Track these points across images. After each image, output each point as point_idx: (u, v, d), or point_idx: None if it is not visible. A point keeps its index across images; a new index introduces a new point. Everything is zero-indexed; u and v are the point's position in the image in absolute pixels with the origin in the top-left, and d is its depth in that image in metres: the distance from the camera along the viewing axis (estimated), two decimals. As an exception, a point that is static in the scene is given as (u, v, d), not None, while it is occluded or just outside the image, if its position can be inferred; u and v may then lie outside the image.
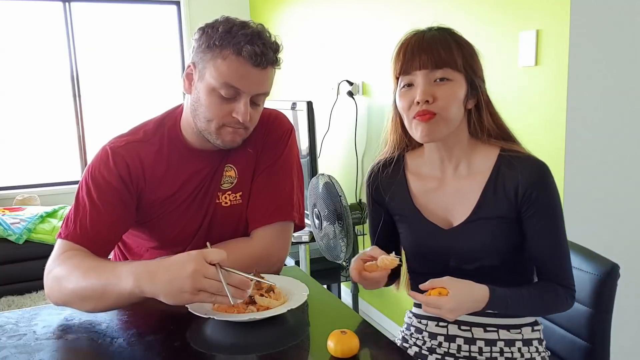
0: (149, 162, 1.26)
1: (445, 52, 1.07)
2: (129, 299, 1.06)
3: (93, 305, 1.09)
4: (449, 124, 1.10)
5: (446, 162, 1.18)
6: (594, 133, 1.82)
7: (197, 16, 4.39)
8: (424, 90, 1.07)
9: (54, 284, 1.13)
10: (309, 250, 2.83)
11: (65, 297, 1.12)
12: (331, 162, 3.34)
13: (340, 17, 3.18)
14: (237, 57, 1.15)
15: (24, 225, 3.51)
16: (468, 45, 1.12)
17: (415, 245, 1.22)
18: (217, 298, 0.97)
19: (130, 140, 1.28)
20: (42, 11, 4.18)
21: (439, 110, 1.07)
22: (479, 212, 1.13)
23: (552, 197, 1.10)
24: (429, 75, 1.08)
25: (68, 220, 1.21)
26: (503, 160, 1.13)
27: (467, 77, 1.10)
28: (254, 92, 1.19)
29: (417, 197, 1.21)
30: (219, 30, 1.16)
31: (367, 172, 1.30)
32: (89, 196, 1.21)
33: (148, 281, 1.00)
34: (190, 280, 0.94)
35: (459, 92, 1.09)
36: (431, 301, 1.02)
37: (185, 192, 1.29)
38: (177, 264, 0.97)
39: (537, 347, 1.18)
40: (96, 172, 1.23)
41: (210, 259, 0.97)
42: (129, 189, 1.24)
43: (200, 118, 1.22)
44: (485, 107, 1.14)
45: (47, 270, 1.16)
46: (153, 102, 4.43)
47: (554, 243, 1.12)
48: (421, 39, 1.09)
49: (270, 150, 1.34)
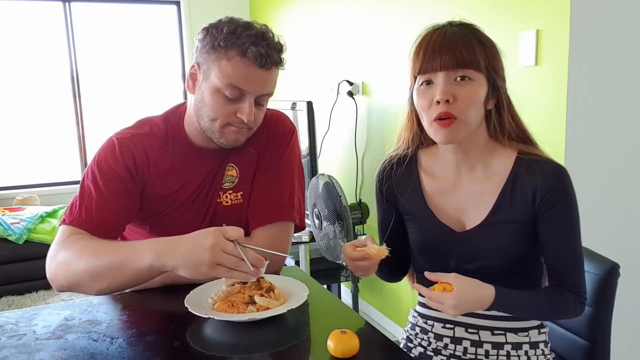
0: (153, 156, 1.28)
1: (468, 52, 1.04)
2: (147, 275, 1.08)
3: (107, 283, 1.11)
4: (469, 126, 1.07)
5: (461, 165, 1.15)
6: (594, 133, 1.82)
7: (197, 16, 4.39)
8: (444, 90, 1.04)
9: (59, 267, 1.14)
10: (309, 250, 2.83)
11: (74, 279, 1.12)
12: (331, 162, 3.34)
13: (340, 17, 3.18)
14: (241, 58, 1.16)
15: (24, 225, 3.51)
16: (490, 43, 1.09)
17: (425, 245, 1.20)
18: (234, 273, 1.00)
19: (136, 133, 1.29)
20: (42, 11, 4.18)
21: (458, 112, 1.05)
22: (494, 216, 1.11)
23: (570, 202, 1.08)
24: (450, 75, 1.05)
25: (73, 207, 1.22)
26: (521, 163, 1.10)
27: (489, 78, 1.07)
28: (258, 92, 1.20)
29: (430, 198, 1.19)
30: (223, 31, 1.17)
31: (378, 169, 1.27)
32: (95, 184, 1.22)
33: (168, 254, 1.03)
34: (209, 254, 0.98)
35: (479, 92, 1.06)
36: (434, 296, 1.02)
37: (188, 190, 1.29)
38: (196, 238, 1.01)
39: (543, 350, 1.18)
40: (102, 160, 1.25)
41: (228, 235, 1.01)
42: (134, 179, 1.25)
43: (204, 117, 1.23)
44: (507, 107, 1.10)
45: (50, 256, 1.17)
46: (153, 102, 4.42)
47: (568, 249, 1.10)
48: (442, 36, 1.05)
49: (272, 150, 1.34)
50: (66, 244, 1.16)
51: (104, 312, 1.14)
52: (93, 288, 1.13)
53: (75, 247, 1.14)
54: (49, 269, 1.17)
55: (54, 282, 1.16)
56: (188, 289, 1.12)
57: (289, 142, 1.36)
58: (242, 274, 1.00)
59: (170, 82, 4.57)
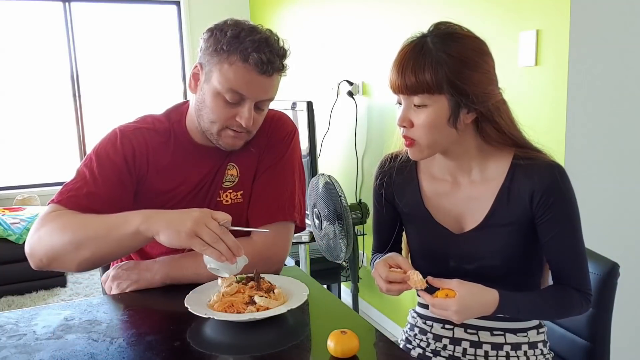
0: (154, 150, 1.29)
1: (417, 77, 1.01)
2: (131, 241, 1.09)
3: (90, 253, 1.11)
4: (434, 147, 1.08)
5: (457, 169, 1.15)
6: (594, 133, 1.82)
7: (197, 16, 4.39)
8: (401, 117, 1.06)
9: (41, 240, 1.14)
10: (309, 250, 2.83)
11: (57, 250, 1.12)
12: (331, 162, 3.34)
13: (340, 17, 3.18)
14: (243, 64, 1.16)
15: (24, 225, 3.51)
16: (461, 56, 1.01)
17: (424, 247, 1.21)
18: (208, 249, 1.02)
19: (139, 127, 1.31)
20: (42, 11, 4.18)
21: (416, 137, 1.06)
22: (492, 218, 1.11)
23: (568, 200, 1.07)
24: (409, 99, 1.05)
25: (63, 188, 1.23)
26: (517, 166, 1.09)
27: (452, 96, 1.02)
28: (258, 98, 1.21)
29: (429, 199, 1.19)
30: (227, 34, 1.17)
31: (377, 167, 1.27)
32: (90, 169, 1.24)
33: (155, 218, 1.07)
34: (191, 223, 1.02)
35: (436, 116, 1.03)
36: (437, 303, 1.01)
37: (187, 187, 1.30)
38: (185, 210, 1.07)
39: (542, 350, 1.18)
40: (102, 149, 1.26)
41: (216, 217, 1.04)
42: (130, 171, 1.26)
43: (204, 118, 1.24)
44: (486, 120, 1.07)
45: (32, 231, 1.16)
46: (153, 101, 4.42)
47: (570, 247, 1.09)
48: (403, 56, 1.04)
49: (273, 150, 1.34)
50: (50, 218, 1.16)
51: (104, 312, 1.14)
52: (74, 260, 1.13)
53: (60, 220, 1.14)
54: (29, 243, 1.16)
55: (33, 256, 1.16)
56: (188, 289, 1.12)
57: (290, 142, 1.36)
58: (215, 252, 1.03)
59: (170, 82, 4.57)
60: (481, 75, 1.04)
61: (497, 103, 1.07)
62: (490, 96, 1.05)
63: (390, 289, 1.07)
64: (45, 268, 1.16)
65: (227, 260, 1.04)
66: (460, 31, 1.06)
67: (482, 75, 1.04)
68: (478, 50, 1.04)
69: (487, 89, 1.05)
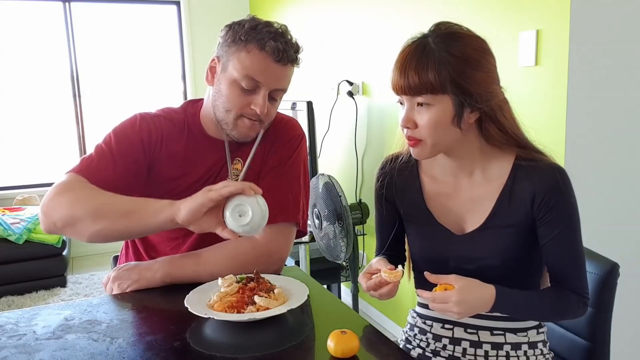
0: (168, 137, 1.34)
1: (420, 77, 1.00)
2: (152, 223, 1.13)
3: (106, 224, 1.14)
4: (438, 146, 1.08)
5: (459, 170, 1.15)
6: (594, 133, 1.82)
7: (197, 16, 4.39)
8: (405, 117, 1.06)
9: (60, 205, 1.16)
10: (309, 250, 2.83)
11: (77, 215, 1.15)
12: (331, 162, 3.34)
13: (341, 17, 3.18)
14: (260, 51, 1.22)
15: (24, 225, 3.51)
16: (463, 55, 1.01)
17: (424, 247, 1.20)
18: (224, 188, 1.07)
19: (158, 114, 1.37)
20: (42, 11, 4.18)
21: (421, 137, 1.06)
22: (493, 219, 1.11)
23: (569, 203, 1.07)
24: (412, 99, 1.04)
25: (82, 161, 1.26)
26: (519, 167, 1.09)
27: (456, 96, 1.02)
28: (273, 86, 1.25)
29: (430, 200, 1.19)
30: (245, 26, 1.24)
31: (378, 168, 1.27)
32: (109, 145, 1.28)
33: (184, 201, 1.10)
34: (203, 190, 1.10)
35: (440, 116, 1.03)
36: (438, 296, 1.01)
37: (193, 176, 1.33)
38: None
39: (542, 350, 1.18)
40: (121, 129, 1.32)
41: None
42: (145, 152, 1.30)
43: (219, 108, 1.28)
44: (489, 119, 1.07)
45: (52, 195, 1.18)
46: (153, 101, 4.43)
47: (569, 249, 1.09)
48: (405, 57, 1.03)
49: (279, 150, 1.35)
50: (71, 186, 1.19)
51: (104, 312, 1.14)
52: (88, 230, 1.15)
53: (84, 191, 1.18)
54: (46, 205, 1.18)
55: (47, 219, 1.17)
56: (188, 289, 1.12)
57: (297, 146, 1.38)
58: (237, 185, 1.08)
59: (170, 82, 4.58)
60: (484, 74, 1.04)
61: (499, 102, 1.07)
62: (493, 95, 1.05)
63: (381, 293, 1.09)
64: (55, 232, 1.20)
65: (248, 191, 1.07)
66: (461, 31, 1.05)
67: (485, 74, 1.04)
68: (480, 49, 1.04)
69: (490, 88, 1.05)
